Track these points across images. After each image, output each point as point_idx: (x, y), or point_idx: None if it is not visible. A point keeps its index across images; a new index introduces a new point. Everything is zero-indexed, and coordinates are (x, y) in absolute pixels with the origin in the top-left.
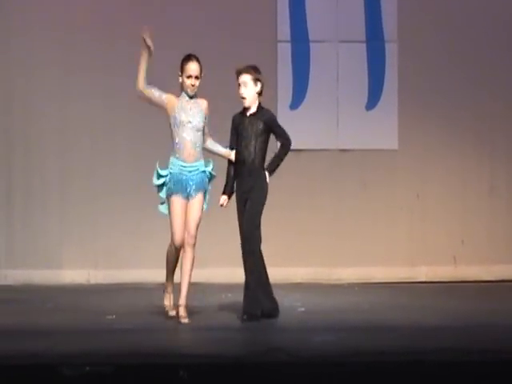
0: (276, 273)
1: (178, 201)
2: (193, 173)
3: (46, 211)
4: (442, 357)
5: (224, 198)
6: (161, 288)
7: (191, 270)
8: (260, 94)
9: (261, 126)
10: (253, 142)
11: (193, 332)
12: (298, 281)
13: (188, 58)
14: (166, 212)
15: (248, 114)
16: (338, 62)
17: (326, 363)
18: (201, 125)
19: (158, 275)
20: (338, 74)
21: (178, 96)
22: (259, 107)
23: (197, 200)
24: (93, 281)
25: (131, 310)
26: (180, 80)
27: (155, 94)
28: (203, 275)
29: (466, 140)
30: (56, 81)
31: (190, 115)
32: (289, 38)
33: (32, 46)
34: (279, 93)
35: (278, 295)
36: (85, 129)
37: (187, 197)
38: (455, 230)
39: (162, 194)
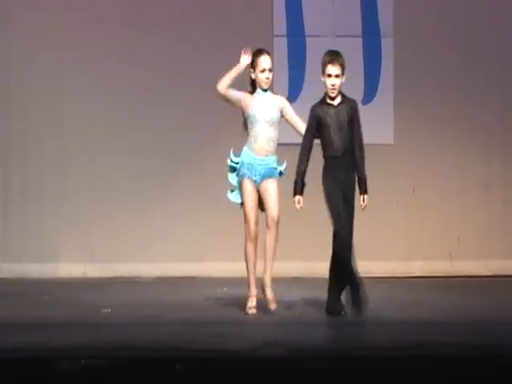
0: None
1: (249, 183)
2: (262, 166)
3: (42, 205)
4: (438, 352)
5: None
6: (157, 282)
7: (275, 246)
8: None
9: (346, 116)
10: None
11: (190, 325)
12: (295, 275)
13: (259, 52)
14: (238, 200)
15: (335, 103)
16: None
17: (324, 358)
18: (274, 120)
19: (154, 269)
20: None
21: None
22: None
23: (270, 183)
24: (89, 274)
25: (127, 304)
26: (252, 76)
27: (234, 94)
28: (199, 269)
29: (462, 135)
30: (53, 76)
31: (263, 111)
32: (285, 33)
33: (30, 40)
34: (275, 87)
35: (276, 290)
36: (82, 123)
37: (258, 183)
38: (451, 225)
39: (233, 181)
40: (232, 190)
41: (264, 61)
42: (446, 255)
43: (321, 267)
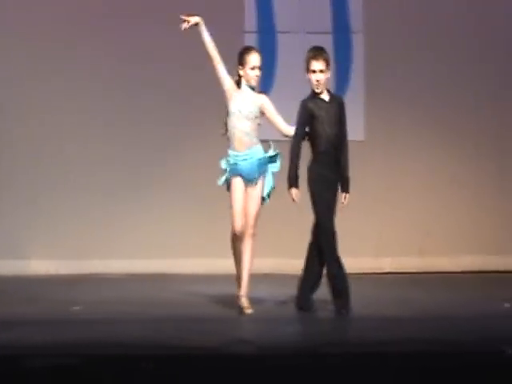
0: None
1: (236, 182)
2: (247, 161)
3: (13, 202)
4: (406, 348)
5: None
6: (128, 278)
7: (251, 260)
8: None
9: (337, 113)
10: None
11: (159, 323)
12: (264, 272)
13: (249, 49)
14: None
15: (327, 99)
16: (305, 53)
17: (292, 355)
18: (251, 115)
19: (126, 265)
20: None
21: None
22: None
23: (254, 190)
24: (60, 271)
25: (98, 301)
26: (241, 73)
27: (222, 72)
28: (171, 266)
29: (432, 130)
30: (24, 65)
31: (241, 105)
32: (256, 29)
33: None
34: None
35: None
36: (52, 116)
37: (246, 183)
38: (421, 220)
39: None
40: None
41: (254, 58)
42: (416, 251)
43: (290, 264)
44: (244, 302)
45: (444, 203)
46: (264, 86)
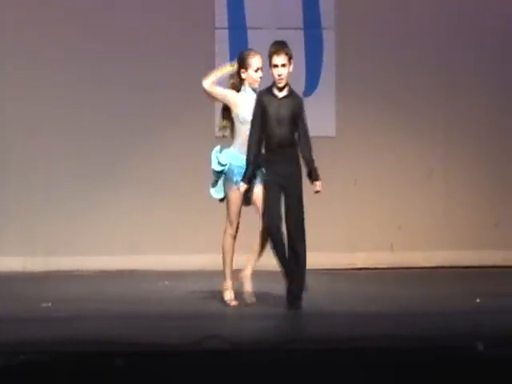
0: (214, 259)
1: (237, 192)
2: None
3: None
4: (380, 344)
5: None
6: (98, 275)
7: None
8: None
9: (289, 111)
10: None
11: (130, 320)
12: (236, 267)
13: (252, 52)
14: (219, 196)
15: (280, 95)
16: None
17: (265, 350)
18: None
19: (96, 262)
20: None
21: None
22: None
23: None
24: (29, 268)
25: (68, 298)
26: (243, 76)
27: (219, 91)
28: (141, 262)
29: (403, 126)
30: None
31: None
32: (226, 25)
33: None
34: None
35: (215, 283)
36: (21, 112)
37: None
38: (392, 216)
39: (220, 181)
40: (213, 185)
41: (258, 61)
42: (388, 246)
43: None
44: (249, 287)
45: (416, 198)
46: None
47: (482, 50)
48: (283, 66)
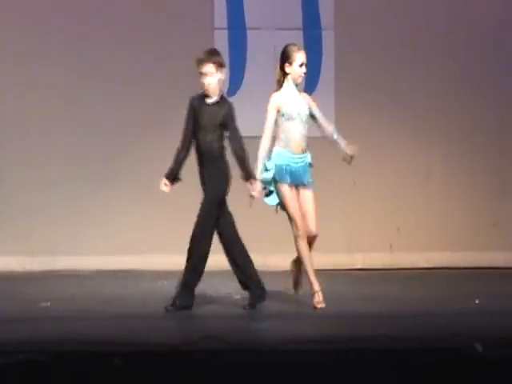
0: (211, 260)
1: (288, 188)
2: (299, 164)
3: None
4: (379, 344)
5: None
6: (96, 275)
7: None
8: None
9: (220, 118)
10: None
11: (128, 320)
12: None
13: (296, 46)
14: (275, 202)
15: (210, 102)
16: (275, 49)
17: (261, 351)
18: (307, 116)
19: (94, 262)
20: (275, 61)
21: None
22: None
23: (307, 194)
24: (28, 268)
25: (66, 298)
26: (288, 70)
27: (273, 122)
28: (139, 262)
29: (402, 127)
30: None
31: (299, 108)
32: (225, 26)
33: None
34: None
35: (214, 283)
36: (19, 117)
37: (297, 186)
38: (391, 216)
39: (271, 187)
40: (266, 195)
41: (302, 55)
42: (387, 247)
43: (266, 261)
44: (318, 296)
45: (415, 199)
46: (234, 82)
47: (480, 49)
48: (210, 74)
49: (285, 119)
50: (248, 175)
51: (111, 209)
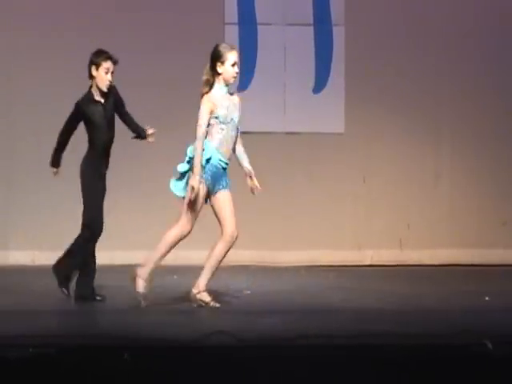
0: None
1: (203, 191)
2: (224, 171)
3: None
4: (388, 340)
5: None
6: (103, 269)
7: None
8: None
9: (112, 109)
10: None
11: (138, 314)
12: (244, 263)
13: (229, 45)
14: (182, 194)
15: (103, 100)
16: (286, 44)
17: (272, 346)
18: (237, 120)
19: (103, 257)
20: (285, 56)
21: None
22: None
23: (227, 194)
24: (37, 262)
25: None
26: (219, 70)
27: (205, 119)
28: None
29: (412, 123)
30: (27, 60)
31: (231, 112)
32: (236, 21)
33: None
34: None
35: (224, 278)
36: (30, 107)
37: (214, 189)
38: (401, 213)
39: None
40: (178, 179)
41: (235, 55)
42: (396, 244)
43: (271, 255)
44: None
45: (425, 196)
46: (244, 77)
47: (491, 50)
48: (112, 73)
49: (219, 122)
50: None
51: (119, 204)
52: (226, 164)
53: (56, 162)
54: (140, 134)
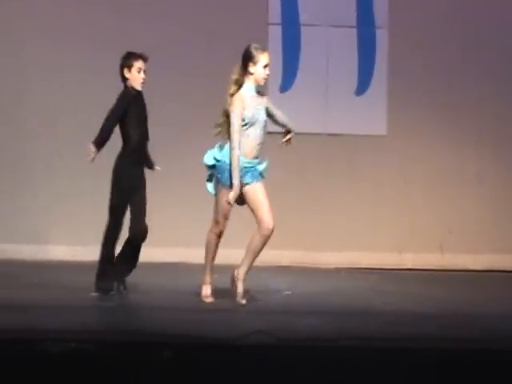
0: (262, 255)
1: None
2: (248, 169)
3: (33, 186)
4: (427, 344)
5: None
6: (146, 267)
7: (261, 248)
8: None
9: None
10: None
11: (178, 312)
12: (285, 264)
13: (260, 47)
14: (213, 192)
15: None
16: (329, 46)
17: (311, 347)
18: (264, 121)
19: (143, 254)
20: (328, 58)
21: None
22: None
23: (260, 186)
24: (79, 257)
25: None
26: (251, 71)
27: (238, 125)
28: (188, 255)
29: (454, 126)
30: (42, 60)
31: (259, 113)
32: (280, 21)
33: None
34: (269, 75)
35: (264, 278)
36: (71, 107)
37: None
38: (443, 217)
39: (211, 177)
40: (210, 180)
41: (267, 57)
42: (437, 248)
43: (310, 256)
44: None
45: (466, 200)
46: (287, 78)
47: None
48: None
49: (245, 123)
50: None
51: (159, 200)
52: (250, 163)
53: (102, 143)
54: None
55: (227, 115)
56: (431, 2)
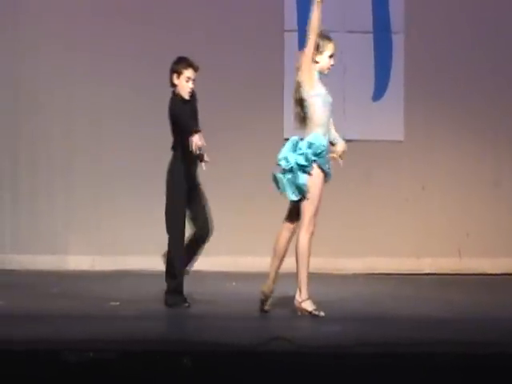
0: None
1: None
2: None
3: (51, 197)
4: (445, 349)
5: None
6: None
7: None
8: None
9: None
10: None
11: (197, 320)
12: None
13: (328, 37)
14: (296, 197)
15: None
16: (345, 52)
17: (331, 353)
18: (331, 104)
19: (161, 262)
20: (345, 64)
21: None
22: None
23: None
24: (97, 267)
25: (135, 297)
26: (318, 59)
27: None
28: (208, 263)
29: (472, 131)
30: (61, 63)
31: (329, 96)
32: (296, 28)
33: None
34: (286, 81)
35: (284, 285)
36: (89, 114)
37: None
38: (460, 221)
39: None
40: (283, 189)
41: (333, 47)
42: (455, 252)
43: (333, 263)
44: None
45: (484, 204)
46: None
47: None
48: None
49: (321, 100)
50: None
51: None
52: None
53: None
54: None
55: (300, 103)
56: (447, 7)
